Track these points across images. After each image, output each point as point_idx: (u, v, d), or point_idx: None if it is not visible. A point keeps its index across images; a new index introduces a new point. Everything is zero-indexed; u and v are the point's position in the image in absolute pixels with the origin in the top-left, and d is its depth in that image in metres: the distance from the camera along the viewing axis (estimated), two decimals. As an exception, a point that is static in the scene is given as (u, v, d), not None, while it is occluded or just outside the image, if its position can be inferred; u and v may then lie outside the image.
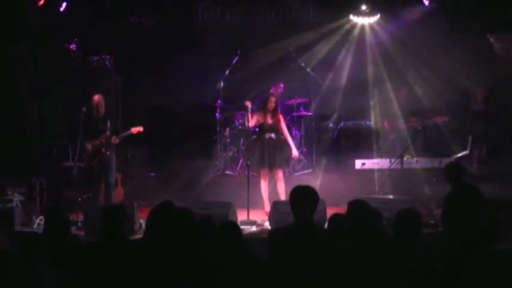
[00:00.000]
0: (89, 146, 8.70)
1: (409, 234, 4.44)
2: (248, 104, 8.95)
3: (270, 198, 8.58)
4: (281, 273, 4.31)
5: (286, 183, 8.64)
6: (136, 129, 8.83)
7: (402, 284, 4.22)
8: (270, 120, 8.76)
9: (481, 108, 9.79)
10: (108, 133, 8.68)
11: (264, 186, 8.75)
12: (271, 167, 8.72)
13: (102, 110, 8.78)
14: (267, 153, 8.68)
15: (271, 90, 10.05)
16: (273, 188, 8.73)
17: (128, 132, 8.80)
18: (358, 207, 4.99)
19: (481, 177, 8.94)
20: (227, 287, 4.27)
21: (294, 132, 10.52)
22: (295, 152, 8.97)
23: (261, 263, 4.41)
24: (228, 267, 4.30)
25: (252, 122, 8.83)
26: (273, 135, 8.75)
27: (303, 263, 4.33)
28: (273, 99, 8.82)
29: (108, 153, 8.74)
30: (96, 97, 8.79)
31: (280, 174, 8.79)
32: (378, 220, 5.12)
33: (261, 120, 8.76)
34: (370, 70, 10.96)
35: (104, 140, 8.71)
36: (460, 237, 4.42)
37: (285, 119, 10.35)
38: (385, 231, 4.94)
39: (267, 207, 8.55)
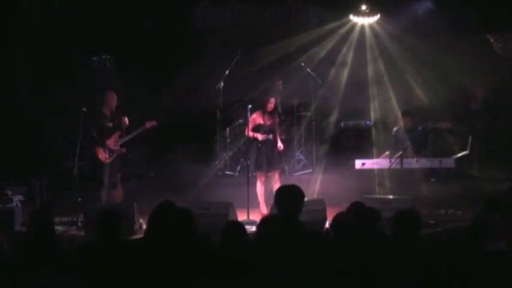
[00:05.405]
0: (107, 144, 8.70)
1: (408, 234, 4.44)
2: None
3: (267, 200, 8.53)
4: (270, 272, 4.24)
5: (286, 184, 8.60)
6: (150, 123, 8.85)
7: (402, 284, 4.21)
8: (267, 122, 8.75)
9: (481, 108, 9.78)
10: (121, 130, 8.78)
11: (260, 188, 8.72)
12: (268, 169, 8.71)
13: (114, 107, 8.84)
14: (264, 155, 8.66)
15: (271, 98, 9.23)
16: (271, 190, 8.68)
17: (142, 127, 8.89)
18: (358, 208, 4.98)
19: (481, 177, 8.97)
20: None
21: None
22: (279, 144, 8.91)
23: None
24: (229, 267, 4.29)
25: (248, 130, 8.77)
26: (270, 136, 8.75)
27: (290, 263, 4.26)
28: (272, 100, 8.81)
29: (124, 149, 8.85)
30: (110, 94, 8.84)
31: (276, 176, 8.78)
32: (378, 220, 5.12)
33: (259, 121, 8.74)
34: (370, 70, 10.97)
35: (118, 137, 8.79)
36: None
37: (285, 119, 10.34)
38: (385, 231, 4.94)
39: (263, 209, 8.55)
